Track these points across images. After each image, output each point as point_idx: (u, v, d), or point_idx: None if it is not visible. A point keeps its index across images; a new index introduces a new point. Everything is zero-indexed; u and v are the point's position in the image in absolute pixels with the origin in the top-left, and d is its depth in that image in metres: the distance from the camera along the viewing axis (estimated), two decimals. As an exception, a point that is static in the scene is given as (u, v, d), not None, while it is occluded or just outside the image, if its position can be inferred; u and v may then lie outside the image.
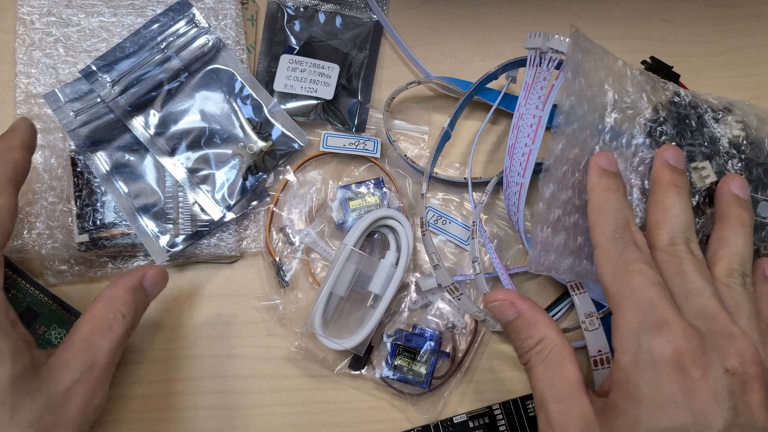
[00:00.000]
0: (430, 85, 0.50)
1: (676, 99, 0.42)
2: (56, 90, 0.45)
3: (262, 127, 0.47)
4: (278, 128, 0.47)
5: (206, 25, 0.47)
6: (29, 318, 0.42)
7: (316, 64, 0.48)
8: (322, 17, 0.50)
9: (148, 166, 0.45)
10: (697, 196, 0.41)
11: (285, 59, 0.48)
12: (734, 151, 0.42)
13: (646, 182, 0.40)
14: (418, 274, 0.46)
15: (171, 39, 0.46)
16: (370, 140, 0.47)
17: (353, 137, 0.47)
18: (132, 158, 0.45)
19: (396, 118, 0.49)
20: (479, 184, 0.47)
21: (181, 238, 0.44)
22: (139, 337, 0.44)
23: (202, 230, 0.45)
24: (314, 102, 0.48)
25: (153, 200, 0.45)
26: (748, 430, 0.30)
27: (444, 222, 0.47)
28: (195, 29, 0.47)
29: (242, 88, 0.47)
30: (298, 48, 0.48)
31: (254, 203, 0.46)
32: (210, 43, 0.47)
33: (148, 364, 0.44)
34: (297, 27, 0.49)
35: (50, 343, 0.41)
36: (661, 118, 0.42)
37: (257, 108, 0.47)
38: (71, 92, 0.45)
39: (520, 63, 0.45)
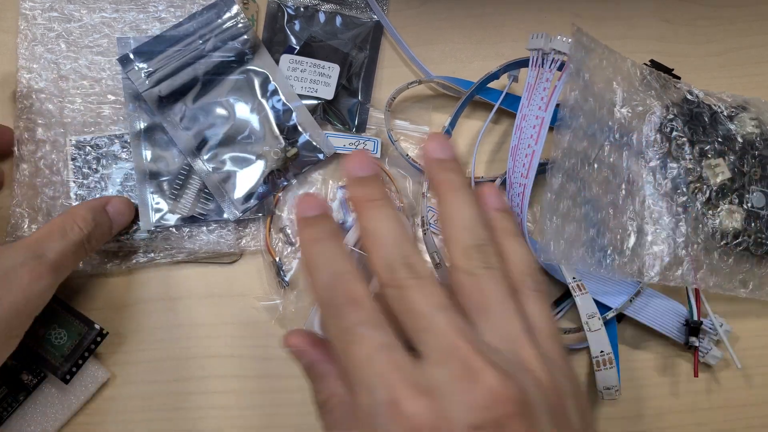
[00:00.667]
0: (431, 84, 0.50)
1: (689, 96, 0.43)
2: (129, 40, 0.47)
3: (289, 133, 0.47)
4: (305, 136, 0.47)
5: (248, 24, 0.47)
6: (29, 319, 0.41)
7: (317, 64, 0.47)
8: (322, 17, 0.50)
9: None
10: (709, 193, 0.41)
11: (285, 59, 0.47)
12: (748, 148, 0.42)
13: (658, 176, 0.40)
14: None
15: (210, 35, 0.46)
16: (371, 140, 0.47)
17: (353, 137, 0.47)
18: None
19: (396, 117, 0.49)
20: (481, 184, 0.47)
21: (175, 217, 0.44)
22: (139, 337, 0.44)
23: (198, 217, 0.45)
24: (314, 102, 0.48)
25: (166, 171, 0.45)
26: None
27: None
28: (235, 27, 0.47)
29: (275, 91, 0.47)
30: (298, 48, 0.48)
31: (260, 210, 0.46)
32: (248, 43, 0.47)
33: (147, 364, 0.44)
34: (297, 27, 0.49)
35: (50, 343, 0.41)
36: (672, 115, 0.42)
37: (287, 113, 0.47)
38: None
39: (522, 63, 0.45)
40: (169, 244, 0.45)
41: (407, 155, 0.47)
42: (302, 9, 0.49)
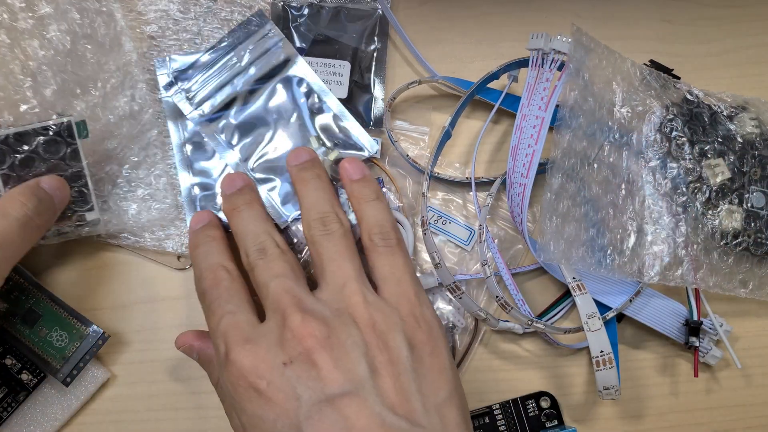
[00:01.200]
0: (431, 84, 0.50)
1: (689, 96, 0.43)
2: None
3: (330, 136, 0.46)
4: (346, 136, 0.46)
5: (281, 36, 0.47)
6: (31, 320, 0.42)
7: (327, 64, 0.47)
8: (326, 14, 0.50)
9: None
10: (709, 193, 0.41)
11: (296, 62, 0.47)
12: (748, 148, 0.42)
13: (658, 176, 0.40)
14: (418, 273, 0.45)
15: (246, 51, 0.46)
16: (371, 140, 0.47)
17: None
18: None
19: (396, 117, 0.49)
20: (481, 184, 0.47)
21: None
22: (141, 337, 0.44)
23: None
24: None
25: (211, 183, 0.46)
26: (326, 405, 0.30)
27: (444, 222, 0.47)
28: (269, 40, 0.47)
29: (311, 94, 0.47)
30: (306, 48, 0.48)
31: None
32: (283, 55, 0.47)
33: (149, 364, 0.44)
34: (303, 27, 0.49)
35: (51, 345, 0.41)
36: (672, 115, 0.42)
37: (326, 116, 0.47)
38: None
39: (522, 63, 0.45)
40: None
41: (407, 155, 0.47)
42: (306, 8, 0.49)
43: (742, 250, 0.42)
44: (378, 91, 0.49)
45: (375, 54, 0.49)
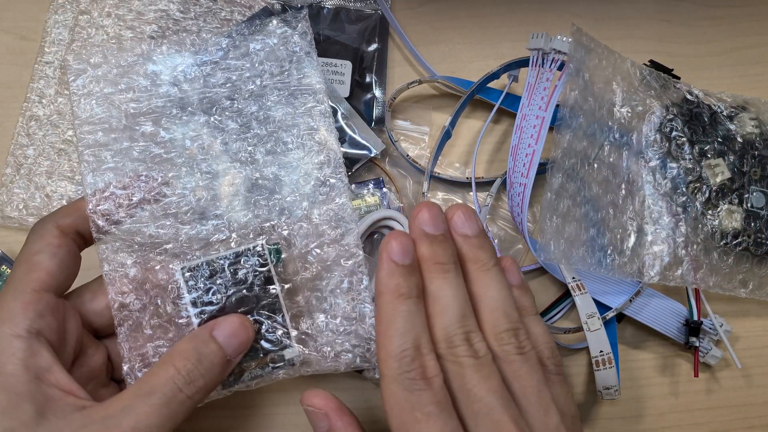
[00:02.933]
0: (431, 84, 0.50)
1: (689, 96, 0.43)
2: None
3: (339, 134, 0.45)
4: (351, 134, 0.46)
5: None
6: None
7: (329, 63, 0.47)
8: (327, 13, 0.50)
9: None
10: (709, 193, 0.41)
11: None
12: (748, 148, 0.42)
13: (658, 176, 0.40)
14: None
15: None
16: (377, 140, 0.47)
17: (354, 137, 0.47)
18: None
19: (397, 117, 0.49)
20: (482, 184, 0.47)
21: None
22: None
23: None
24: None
25: None
26: None
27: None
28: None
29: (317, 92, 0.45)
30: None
31: None
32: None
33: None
34: (303, 27, 0.49)
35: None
36: (672, 115, 0.42)
37: (333, 113, 0.46)
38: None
39: (522, 63, 0.45)
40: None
41: (407, 155, 0.47)
42: (306, 8, 0.49)
43: (742, 250, 0.42)
44: (378, 90, 0.49)
45: (376, 54, 0.49)
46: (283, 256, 0.37)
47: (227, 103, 0.39)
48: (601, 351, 0.40)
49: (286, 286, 0.36)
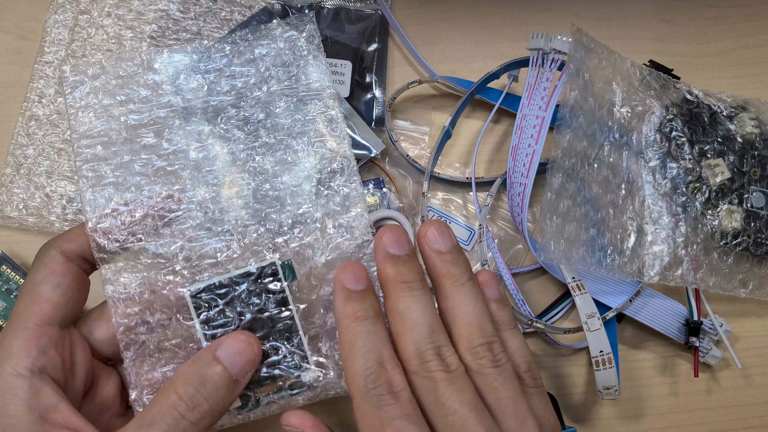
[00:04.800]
0: (431, 84, 0.50)
1: (689, 96, 0.43)
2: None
3: None
4: (351, 134, 0.46)
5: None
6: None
7: (329, 63, 0.47)
8: (327, 14, 0.50)
9: None
10: (709, 193, 0.41)
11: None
12: (748, 148, 0.43)
13: (658, 176, 0.40)
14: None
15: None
16: (377, 140, 0.47)
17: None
18: None
19: (397, 117, 0.49)
20: (482, 184, 0.47)
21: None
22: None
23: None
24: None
25: None
26: None
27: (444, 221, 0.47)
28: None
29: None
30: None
31: None
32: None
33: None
34: (303, 27, 0.49)
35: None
36: (671, 115, 0.42)
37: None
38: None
39: (522, 63, 0.45)
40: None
41: (407, 155, 0.47)
42: (307, 8, 0.49)
43: (742, 250, 0.42)
44: (378, 90, 0.49)
45: (376, 54, 0.49)
46: (296, 273, 0.34)
47: (233, 112, 0.37)
48: (601, 351, 0.40)
49: (302, 307, 0.34)
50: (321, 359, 0.34)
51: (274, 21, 0.39)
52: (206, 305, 0.33)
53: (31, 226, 0.45)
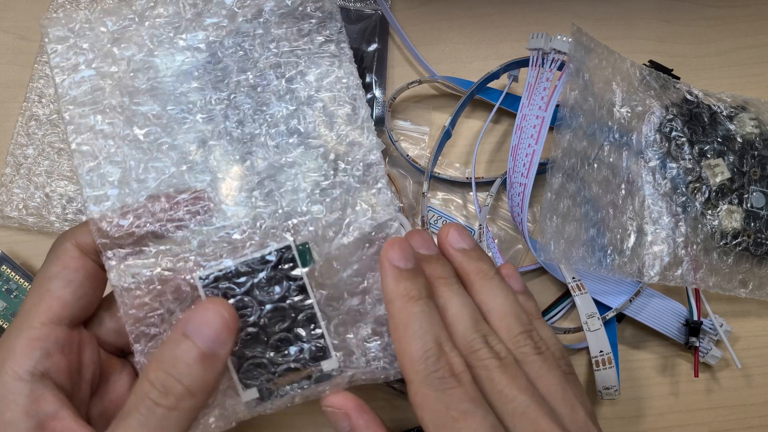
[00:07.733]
0: (431, 84, 0.50)
1: (689, 96, 0.43)
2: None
3: None
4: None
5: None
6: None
7: None
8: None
9: None
10: (708, 193, 0.41)
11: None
12: (748, 148, 0.43)
13: (657, 176, 0.40)
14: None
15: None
16: (378, 140, 0.47)
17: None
18: None
19: (397, 117, 0.49)
20: (482, 184, 0.47)
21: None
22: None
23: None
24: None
25: None
26: None
27: (444, 222, 0.47)
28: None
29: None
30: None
31: None
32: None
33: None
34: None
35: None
36: (671, 115, 0.42)
37: None
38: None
39: (522, 63, 0.45)
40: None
41: (407, 155, 0.47)
42: None
43: (742, 250, 0.42)
44: (378, 90, 0.49)
45: (376, 54, 0.49)
46: (316, 256, 0.32)
47: (241, 77, 0.33)
48: (601, 351, 0.40)
49: (324, 293, 0.32)
50: (346, 346, 0.32)
51: None
52: (222, 295, 0.31)
53: (31, 226, 0.45)
